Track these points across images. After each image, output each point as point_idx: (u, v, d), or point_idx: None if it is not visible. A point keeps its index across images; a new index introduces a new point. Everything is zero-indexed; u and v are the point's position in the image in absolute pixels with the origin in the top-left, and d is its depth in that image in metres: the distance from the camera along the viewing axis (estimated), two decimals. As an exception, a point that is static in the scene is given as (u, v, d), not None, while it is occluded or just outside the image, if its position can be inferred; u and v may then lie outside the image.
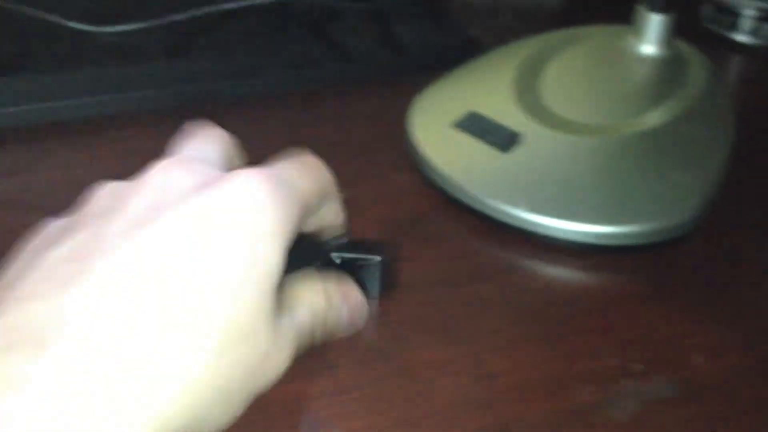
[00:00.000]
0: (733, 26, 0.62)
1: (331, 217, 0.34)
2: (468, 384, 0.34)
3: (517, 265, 0.41)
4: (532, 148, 0.43)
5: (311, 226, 0.33)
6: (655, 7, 0.47)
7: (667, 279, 0.40)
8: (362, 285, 0.34)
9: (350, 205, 0.43)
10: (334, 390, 0.34)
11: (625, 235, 0.40)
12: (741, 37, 0.62)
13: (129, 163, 0.31)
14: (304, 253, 0.31)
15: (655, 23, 0.47)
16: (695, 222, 0.41)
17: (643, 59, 0.48)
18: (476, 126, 0.45)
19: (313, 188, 0.31)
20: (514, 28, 0.60)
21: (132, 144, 0.47)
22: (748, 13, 0.61)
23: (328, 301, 0.31)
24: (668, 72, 0.48)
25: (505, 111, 0.45)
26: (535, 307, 0.38)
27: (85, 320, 0.24)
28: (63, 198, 0.31)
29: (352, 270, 0.35)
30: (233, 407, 0.27)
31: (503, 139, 0.44)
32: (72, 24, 0.53)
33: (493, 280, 0.40)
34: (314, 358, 0.35)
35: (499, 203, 0.41)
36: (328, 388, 0.34)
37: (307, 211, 0.30)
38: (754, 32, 0.62)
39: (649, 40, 0.48)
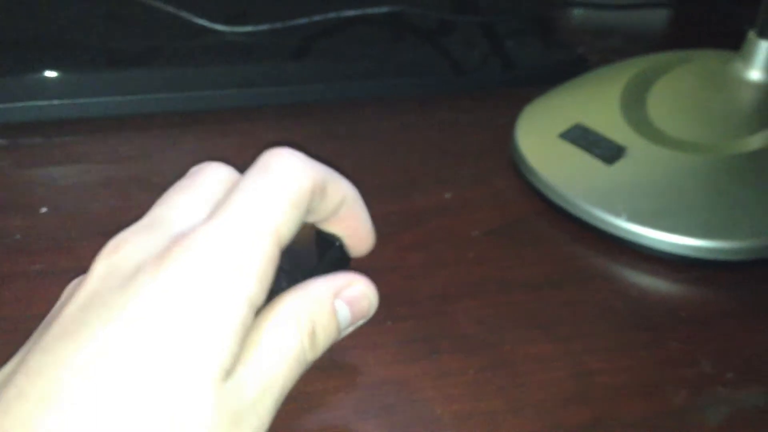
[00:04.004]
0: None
1: (331, 207, 0.29)
2: (567, 380, 0.36)
3: (615, 273, 0.42)
4: (636, 162, 0.45)
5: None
6: (766, 34, 0.48)
7: (765, 295, 0.41)
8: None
9: (456, 206, 0.46)
10: (437, 374, 0.36)
11: (724, 251, 0.41)
12: None
13: (250, 153, 0.33)
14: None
15: (764, 50, 0.48)
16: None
17: (751, 84, 0.49)
18: (582, 138, 0.46)
19: (287, 205, 0.26)
20: (620, 49, 0.62)
21: (253, 136, 0.51)
22: None
23: (303, 320, 0.26)
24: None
25: (611, 125, 0.47)
26: (632, 314, 0.40)
27: None
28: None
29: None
30: None
31: (609, 151, 0.45)
32: (201, 22, 0.57)
33: (591, 285, 0.41)
34: (419, 343, 0.37)
35: (601, 212, 0.43)
36: (431, 372, 0.36)
37: (282, 240, 0.26)
38: None
39: (758, 66, 0.49)
